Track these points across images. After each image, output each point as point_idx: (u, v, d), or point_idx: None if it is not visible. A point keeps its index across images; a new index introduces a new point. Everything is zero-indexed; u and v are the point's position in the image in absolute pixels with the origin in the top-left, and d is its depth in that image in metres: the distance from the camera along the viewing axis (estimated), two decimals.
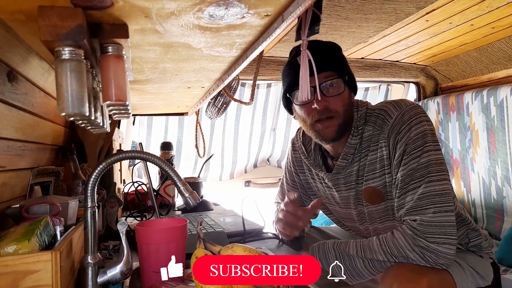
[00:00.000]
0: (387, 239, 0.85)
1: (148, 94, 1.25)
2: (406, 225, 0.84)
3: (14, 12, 0.50)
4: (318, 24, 0.76)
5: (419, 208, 0.83)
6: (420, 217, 0.82)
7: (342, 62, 0.99)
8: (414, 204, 0.84)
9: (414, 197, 0.84)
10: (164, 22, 0.55)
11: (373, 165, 0.95)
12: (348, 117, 0.97)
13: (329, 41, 1.02)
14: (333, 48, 1.00)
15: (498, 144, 1.80)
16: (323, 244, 0.93)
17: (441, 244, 0.80)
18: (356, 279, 0.88)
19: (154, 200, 1.50)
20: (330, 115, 0.94)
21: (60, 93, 0.48)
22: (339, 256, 0.88)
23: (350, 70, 1.00)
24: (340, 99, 0.94)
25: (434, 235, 0.81)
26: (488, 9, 1.34)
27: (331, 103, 0.94)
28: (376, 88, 2.57)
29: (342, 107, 0.95)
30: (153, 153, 0.75)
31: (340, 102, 0.94)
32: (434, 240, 0.80)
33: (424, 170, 0.85)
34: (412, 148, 0.87)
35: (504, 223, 1.79)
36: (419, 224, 0.82)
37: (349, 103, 0.98)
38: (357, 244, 0.88)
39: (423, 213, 0.82)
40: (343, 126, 0.96)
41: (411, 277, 0.80)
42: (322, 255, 0.91)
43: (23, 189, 0.94)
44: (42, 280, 0.58)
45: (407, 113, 0.90)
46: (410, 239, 0.82)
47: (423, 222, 0.82)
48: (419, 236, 0.81)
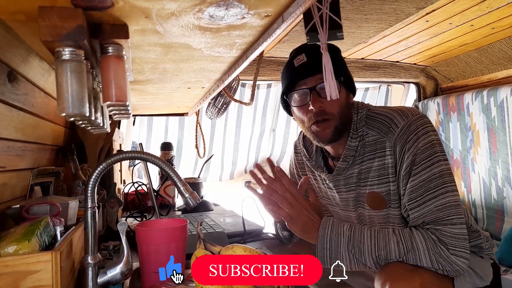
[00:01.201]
0: (405, 236, 0.84)
1: (148, 95, 1.25)
2: (431, 231, 0.84)
3: (15, 13, 0.50)
4: (341, 30, 0.78)
5: (440, 219, 0.84)
6: (443, 228, 0.84)
7: (339, 63, 0.99)
8: (436, 216, 0.84)
9: (433, 208, 0.85)
10: (164, 22, 0.55)
11: (377, 171, 0.95)
12: (345, 119, 0.97)
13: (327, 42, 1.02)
14: (331, 49, 1.00)
15: (499, 145, 1.80)
16: (337, 225, 0.88)
17: (459, 258, 0.82)
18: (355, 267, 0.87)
19: (154, 200, 1.50)
20: (326, 117, 0.94)
21: (60, 94, 0.48)
22: (350, 243, 0.85)
23: (348, 72, 1.00)
24: (336, 101, 0.94)
25: (455, 248, 0.82)
26: (488, 10, 1.34)
27: (327, 105, 0.94)
28: (376, 88, 2.58)
29: (338, 108, 0.95)
30: (153, 153, 0.75)
31: (336, 104, 0.94)
32: (454, 252, 0.82)
33: (438, 180, 0.86)
34: (422, 158, 0.87)
35: (504, 224, 1.79)
36: (443, 235, 0.83)
37: (347, 105, 0.98)
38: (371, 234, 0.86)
39: (444, 224, 0.84)
40: (340, 127, 0.96)
41: (405, 275, 0.81)
42: (335, 236, 0.87)
43: (23, 190, 0.94)
44: (43, 281, 0.58)
45: (414, 123, 0.90)
46: (431, 244, 0.82)
47: (447, 233, 0.83)
48: (442, 245, 0.82)
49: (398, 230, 0.86)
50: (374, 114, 0.97)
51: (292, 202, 0.89)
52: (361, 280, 1.09)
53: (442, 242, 0.82)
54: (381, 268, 0.85)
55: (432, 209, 0.85)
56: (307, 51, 0.96)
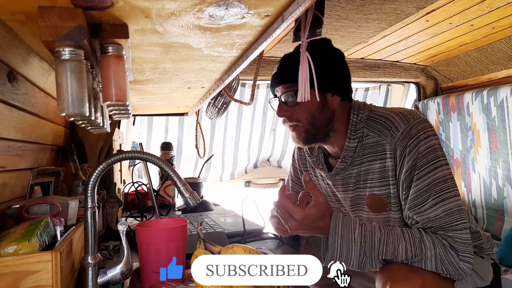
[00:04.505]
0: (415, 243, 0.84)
1: (148, 95, 1.25)
2: (442, 236, 0.84)
3: (15, 13, 0.50)
4: (321, 27, 0.76)
5: (449, 225, 0.84)
6: (453, 233, 0.84)
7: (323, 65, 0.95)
8: (445, 221, 0.84)
9: (440, 212, 0.85)
10: (164, 22, 0.55)
11: (377, 173, 0.95)
12: (318, 123, 0.96)
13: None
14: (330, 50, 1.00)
15: (499, 144, 1.80)
16: (348, 222, 0.87)
17: (466, 263, 0.83)
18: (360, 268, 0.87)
19: (154, 200, 1.50)
20: (293, 123, 0.98)
21: (60, 93, 0.48)
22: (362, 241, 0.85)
23: (338, 73, 0.98)
24: (304, 107, 0.95)
25: (464, 254, 0.83)
26: (488, 9, 1.34)
27: (293, 113, 0.97)
28: (376, 88, 2.58)
29: (307, 115, 0.96)
30: (153, 153, 0.75)
31: (303, 111, 0.96)
32: (463, 258, 0.83)
33: (443, 184, 0.86)
34: (424, 163, 0.87)
35: (504, 224, 1.79)
36: (455, 241, 0.83)
37: (320, 110, 0.96)
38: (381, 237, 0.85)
39: (454, 230, 0.84)
40: (311, 132, 0.97)
41: (406, 275, 0.81)
42: (345, 233, 0.86)
43: (23, 190, 0.94)
44: (43, 281, 0.58)
45: (415, 127, 0.89)
46: (441, 250, 0.82)
47: (458, 239, 0.83)
48: (453, 251, 0.83)
49: (408, 234, 0.85)
50: (375, 115, 0.97)
51: (295, 225, 0.88)
52: (361, 280, 1.09)
53: (454, 249, 0.83)
54: (382, 268, 0.85)
55: (440, 213, 0.85)
56: (284, 59, 1.01)
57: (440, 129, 2.16)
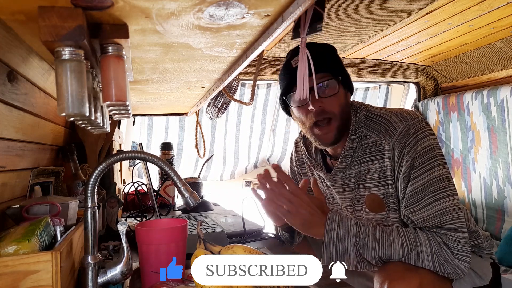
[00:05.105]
0: (410, 237, 0.84)
1: (148, 94, 1.25)
2: (436, 233, 0.84)
3: (15, 13, 0.50)
4: (321, 22, 0.76)
5: (443, 223, 0.84)
6: (447, 231, 0.84)
7: (337, 63, 0.99)
8: (439, 220, 0.84)
9: (434, 211, 0.85)
10: (164, 22, 0.55)
11: (376, 173, 0.95)
12: (345, 118, 0.96)
13: (323, 42, 1.01)
14: (327, 49, 1.00)
15: (499, 144, 1.80)
16: (344, 220, 0.87)
17: (462, 261, 0.83)
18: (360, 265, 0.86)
19: (154, 200, 1.50)
20: (327, 116, 0.93)
21: (60, 93, 0.48)
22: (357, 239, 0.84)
23: (345, 71, 1.00)
24: (336, 100, 0.94)
25: (459, 252, 0.83)
26: (488, 9, 1.34)
27: (327, 104, 0.93)
28: (376, 88, 2.58)
29: (339, 107, 0.94)
30: (153, 153, 0.75)
31: (336, 103, 0.94)
32: (458, 255, 0.83)
33: (439, 183, 0.86)
34: (421, 162, 0.87)
35: (504, 224, 1.79)
36: (449, 239, 0.83)
37: (346, 104, 0.97)
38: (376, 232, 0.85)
39: (448, 228, 0.84)
40: (342, 127, 0.95)
41: (404, 274, 0.81)
42: (342, 231, 0.85)
43: (23, 190, 0.94)
44: (42, 281, 0.58)
45: (413, 127, 0.89)
46: (435, 247, 0.82)
47: (452, 237, 0.83)
48: (447, 248, 0.83)
49: (402, 230, 0.86)
50: (373, 115, 0.97)
51: (290, 197, 0.88)
52: (361, 280, 1.09)
53: (447, 246, 0.83)
54: (381, 267, 0.85)
55: (434, 213, 0.85)
56: (309, 48, 0.96)
57: (440, 129, 2.16)
